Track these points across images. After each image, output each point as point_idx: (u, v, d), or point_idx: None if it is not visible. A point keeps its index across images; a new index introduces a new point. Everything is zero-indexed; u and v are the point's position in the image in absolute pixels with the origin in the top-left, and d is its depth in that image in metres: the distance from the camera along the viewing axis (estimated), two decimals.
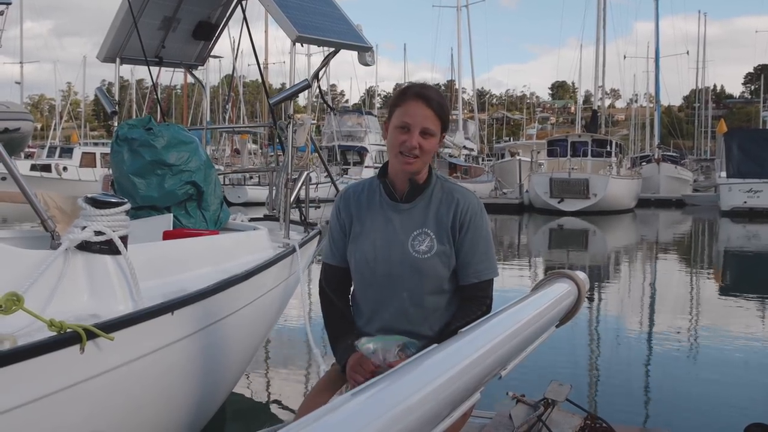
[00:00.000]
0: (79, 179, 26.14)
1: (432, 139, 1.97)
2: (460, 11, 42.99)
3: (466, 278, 2.03)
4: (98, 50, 4.74)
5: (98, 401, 2.20)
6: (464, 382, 0.96)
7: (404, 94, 1.99)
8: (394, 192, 2.06)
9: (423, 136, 1.95)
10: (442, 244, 2.00)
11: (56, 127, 51.58)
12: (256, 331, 3.52)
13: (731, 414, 4.19)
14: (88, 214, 2.39)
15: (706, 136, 56.45)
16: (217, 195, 3.87)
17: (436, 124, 1.97)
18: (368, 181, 2.15)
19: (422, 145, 1.95)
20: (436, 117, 1.96)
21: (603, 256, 14.55)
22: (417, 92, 1.97)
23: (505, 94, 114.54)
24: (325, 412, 0.73)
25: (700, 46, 57.09)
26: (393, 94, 2.13)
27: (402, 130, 1.95)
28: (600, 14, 34.63)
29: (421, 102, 1.95)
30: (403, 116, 1.95)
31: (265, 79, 5.61)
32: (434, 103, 1.96)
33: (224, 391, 3.37)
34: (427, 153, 1.97)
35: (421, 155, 1.96)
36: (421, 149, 1.95)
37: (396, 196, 2.05)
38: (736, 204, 24.25)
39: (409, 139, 1.94)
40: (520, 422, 2.79)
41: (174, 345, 2.50)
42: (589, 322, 7.04)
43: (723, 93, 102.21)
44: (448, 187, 2.08)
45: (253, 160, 33.95)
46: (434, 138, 1.97)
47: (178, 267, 2.84)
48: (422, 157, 1.97)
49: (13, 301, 1.96)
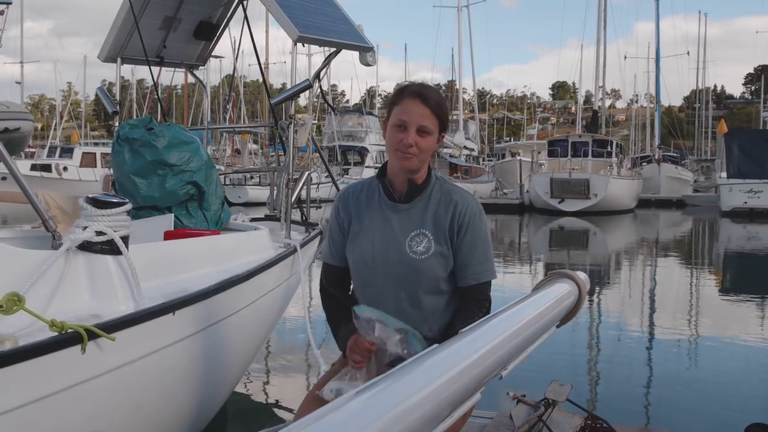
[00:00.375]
0: (79, 179, 26.15)
1: (429, 138, 1.97)
2: (461, 11, 42.98)
3: (464, 280, 2.04)
4: (99, 50, 4.74)
5: (99, 401, 2.19)
6: (465, 382, 0.96)
7: (402, 93, 1.99)
8: (392, 192, 2.06)
9: (420, 134, 1.95)
10: (439, 245, 2.00)
11: (56, 127, 51.57)
12: (258, 331, 3.52)
13: (731, 414, 4.19)
14: (90, 214, 2.39)
15: (707, 136, 56.44)
16: (218, 195, 3.87)
17: (433, 122, 1.96)
18: (367, 181, 2.16)
19: (419, 143, 1.95)
20: (433, 115, 1.96)
21: (603, 257, 14.55)
22: (414, 91, 1.97)
23: (506, 95, 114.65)
24: (326, 412, 0.73)
25: (701, 47, 57.16)
26: (392, 93, 2.13)
27: (399, 128, 1.95)
28: (600, 14, 34.64)
29: (417, 100, 1.95)
30: (400, 114, 1.95)
31: (265, 78, 5.61)
32: (431, 102, 1.95)
33: (225, 391, 3.37)
34: (424, 151, 1.97)
35: (419, 153, 1.96)
36: (418, 147, 1.95)
37: (395, 196, 2.06)
38: (737, 204, 24.24)
39: (406, 137, 1.94)
40: (520, 422, 2.79)
41: (175, 345, 2.50)
42: (590, 323, 7.04)
43: (723, 93, 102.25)
44: (447, 189, 2.08)
45: (253, 160, 33.94)
46: (431, 136, 1.97)
47: (180, 267, 2.83)
48: (419, 155, 1.97)
49: (15, 302, 1.97)
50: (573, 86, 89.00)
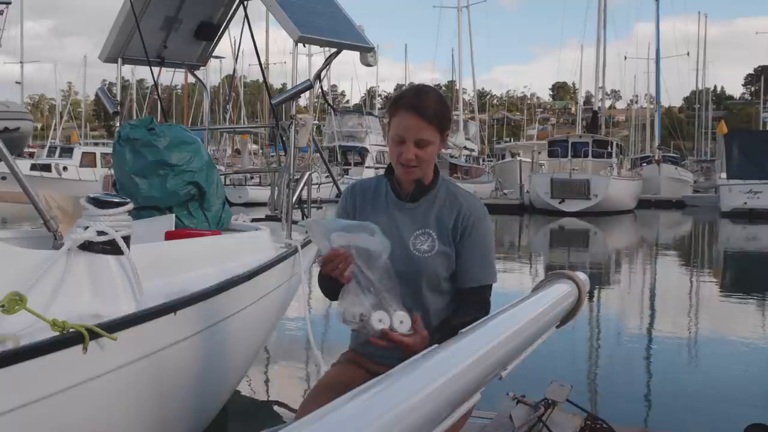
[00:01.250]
0: (79, 179, 26.10)
1: (429, 147, 1.97)
2: (461, 12, 42.95)
3: (465, 283, 2.05)
4: (100, 50, 4.74)
5: (101, 401, 2.19)
6: (465, 382, 0.96)
7: (398, 105, 1.98)
8: (400, 191, 2.08)
9: (419, 146, 1.95)
10: (443, 245, 2.02)
11: (56, 126, 51.57)
12: (259, 331, 3.53)
13: (731, 414, 4.19)
14: (91, 214, 2.38)
15: (707, 137, 56.40)
16: (219, 195, 3.87)
17: (431, 132, 1.96)
18: (377, 179, 2.18)
19: (419, 155, 1.96)
20: (431, 126, 1.95)
21: (604, 257, 14.55)
22: (409, 104, 1.95)
23: (506, 95, 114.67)
24: (326, 412, 0.73)
25: (701, 48, 57.14)
26: (391, 99, 2.12)
27: (398, 142, 1.97)
28: (600, 15, 34.64)
29: (412, 114, 1.94)
30: (398, 129, 1.96)
31: (266, 79, 5.59)
32: (428, 112, 1.94)
33: (227, 391, 3.37)
34: (425, 161, 1.99)
35: (420, 164, 1.98)
36: (419, 159, 1.96)
37: (402, 195, 2.07)
38: (737, 205, 24.24)
39: (405, 152, 1.95)
40: (520, 423, 2.80)
41: (177, 345, 2.50)
42: (590, 323, 7.04)
43: (723, 94, 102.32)
44: (453, 191, 2.09)
45: (253, 161, 33.93)
46: (432, 145, 1.98)
47: (181, 267, 2.83)
48: (421, 165, 1.98)
49: (16, 301, 1.96)
50: (573, 87, 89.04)
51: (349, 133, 34.72)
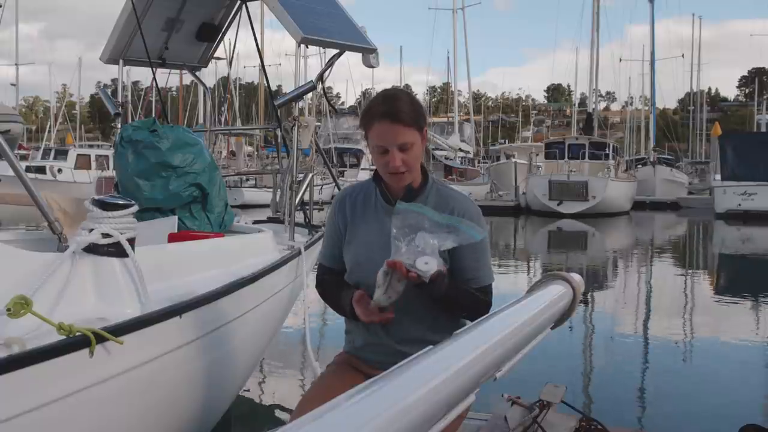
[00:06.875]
0: (73, 181, 26.01)
1: (413, 148, 1.97)
2: (456, 14, 43.12)
3: (463, 284, 2.04)
4: (101, 51, 4.71)
5: (107, 405, 2.17)
6: (459, 383, 0.95)
7: (369, 116, 1.97)
8: (389, 195, 2.07)
9: (402, 150, 1.95)
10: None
11: (51, 129, 51.39)
12: (263, 333, 3.51)
13: (726, 415, 4.19)
14: (96, 216, 2.36)
15: (701, 139, 56.65)
16: (222, 197, 3.85)
17: (411, 134, 1.96)
18: (365, 184, 2.17)
19: (405, 159, 1.96)
20: (408, 128, 1.95)
21: (600, 258, 14.58)
22: (380, 112, 1.95)
23: (501, 97, 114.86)
24: (321, 414, 0.73)
25: (695, 49, 57.41)
26: (361, 112, 2.10)
27: (381, 152, 1.96)
28: (595, 17, 34.78)
29: (387, 121, 1.93)
30: (377, 139, 1.96)
31: (268, 81, 5.58)
32: (402, 116, 1.93)
33: (231, 394, 3.35)
34: (412, 165, 1.99)
35: (407, 168, 1.98)
36: (406, 163, 1.96)
37: (391, 199, 2.06)
38: (731, 207, 24.32)
39: (392, 161, 1.95)
40: (515, 424, 2.79)
41: (182, 348, 2.48)
42: (585, 324, 7.05)
43: (718, 96, 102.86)
44: (445, 194, 2.08)
45: (248, 163, 33.88)
46: (414, 146, 1.97)
47: (184, 270, 2.82)
48: (410, 169, 1.99)
49: (22, 305, 1.94)
50: (568, 89, 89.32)
51: (345, 135, 34.72)
